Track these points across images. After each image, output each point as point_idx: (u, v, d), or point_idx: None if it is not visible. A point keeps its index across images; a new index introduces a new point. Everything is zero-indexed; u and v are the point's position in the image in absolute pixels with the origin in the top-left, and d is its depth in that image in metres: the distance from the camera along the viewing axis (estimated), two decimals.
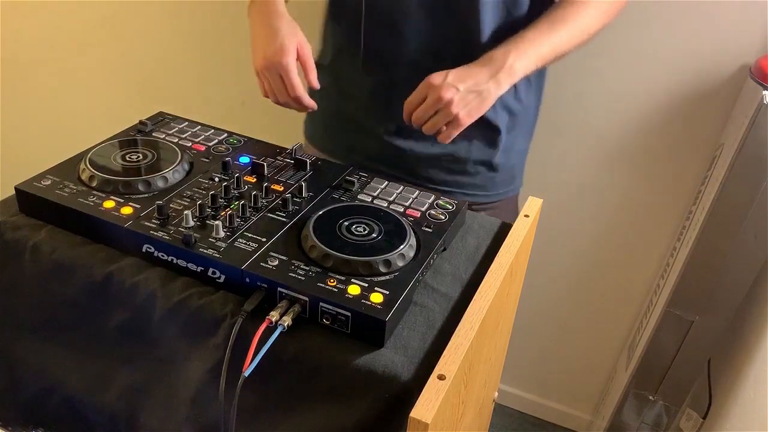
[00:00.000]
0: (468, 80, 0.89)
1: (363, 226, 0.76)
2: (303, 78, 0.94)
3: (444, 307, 0.72)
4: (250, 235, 0.74)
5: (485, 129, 1.05)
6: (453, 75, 0.89)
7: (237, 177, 0.82)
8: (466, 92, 0.89)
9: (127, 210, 0.75)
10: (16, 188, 0.78)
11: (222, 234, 0.73)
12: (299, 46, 0.92)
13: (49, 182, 0.79)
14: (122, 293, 0.72)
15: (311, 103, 0.95)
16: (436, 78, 0.89)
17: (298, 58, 0.92)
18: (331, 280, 0.68)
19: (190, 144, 0.91)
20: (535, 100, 1.14)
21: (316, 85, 0.95)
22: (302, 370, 0.66)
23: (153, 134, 0.92)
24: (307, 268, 0.69)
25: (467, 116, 0.90)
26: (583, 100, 1.37)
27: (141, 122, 0.94)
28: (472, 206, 0.95)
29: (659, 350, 1.36)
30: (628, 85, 1.33)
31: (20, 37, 1.86)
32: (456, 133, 0.92)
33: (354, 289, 0.67)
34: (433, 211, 0.83)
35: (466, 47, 0.98)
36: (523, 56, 0.92)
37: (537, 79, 1.10)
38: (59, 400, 0.80)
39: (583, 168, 1.45)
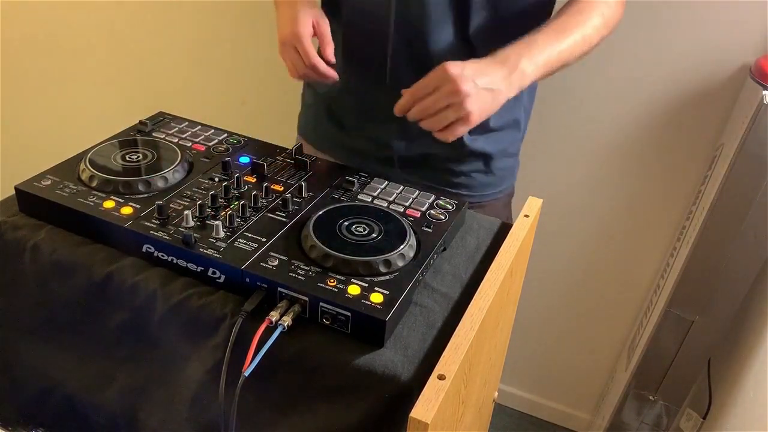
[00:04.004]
0: (484, 76, 0.82)
1: (363, 226, 0.76)
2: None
3: (444, 307, 0.72)
4: (250, 235, 0.74)
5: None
6: (470, 68, 0.81)
7: (237, 177, 0.82)
8: (482, 88, 0.81)
9: (127, 210, 0.75)
10: (16, 188, 0.78)
11: (222, 234, 0.73)
12: (315, 19, 0.90)
13: (49, 182, 0.79)
14: (122, 293, 0.72)
15: (328, 71, 0.91)
16: (454, 68, 0.80)
17: (315, 32, 0.90)
18: (331, 280, 0.68)
19: (190, 144, 0.91)
20: (530, 104, 1.13)
21: (331, 57, 0.91)
22: (302, 370, 0.66)
23: (153, 134, 0.92)
24: (307, 268, 0.69)
25: (479, 115, 0.82)
26: (584, 100, 1.37)
27: (141, 122, 0.94)
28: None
29: (659, 350, 1.36)
30: (628, 85, 1.33)
31: (20, 37, 1.86)
32: (463, 133, 0.84)
33: (354, 289, 0.67)
34: (433, 211, 0.83)
35: (454, 47, 0.95)
36: (534, 61, 0.87)
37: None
38: (59, 400, 0.80)
39: (583, 168, 1.45)
